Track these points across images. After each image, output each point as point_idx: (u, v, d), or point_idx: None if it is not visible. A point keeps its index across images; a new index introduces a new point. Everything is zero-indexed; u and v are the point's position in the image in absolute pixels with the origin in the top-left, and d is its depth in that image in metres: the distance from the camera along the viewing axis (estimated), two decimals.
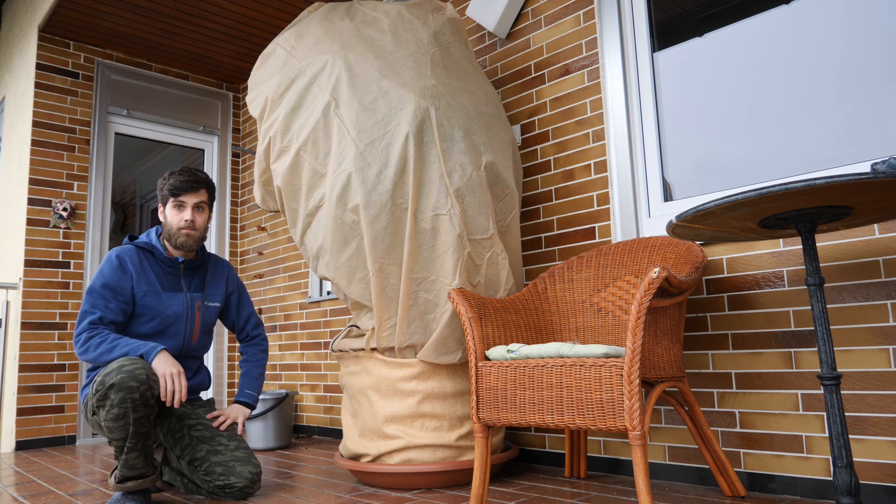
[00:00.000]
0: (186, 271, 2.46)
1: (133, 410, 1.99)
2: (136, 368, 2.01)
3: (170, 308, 2.37)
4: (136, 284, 2.31)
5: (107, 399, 1.99)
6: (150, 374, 2.05)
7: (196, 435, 2.30)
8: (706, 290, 2.22)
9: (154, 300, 2.33)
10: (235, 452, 2.27)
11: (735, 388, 2.11)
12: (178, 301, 2.39)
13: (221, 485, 2.20)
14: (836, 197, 1.43)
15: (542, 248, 2.75)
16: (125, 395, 1.97)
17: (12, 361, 3.87)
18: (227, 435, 2.34)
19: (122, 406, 1.98)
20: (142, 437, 2.05)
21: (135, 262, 2.35)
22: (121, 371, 1.99)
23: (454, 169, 2.29)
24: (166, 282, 2.39)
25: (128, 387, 1.97)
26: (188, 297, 2.42)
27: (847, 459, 1.52)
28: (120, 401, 1.97)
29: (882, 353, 1.82)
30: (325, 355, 3.93)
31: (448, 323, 2.23)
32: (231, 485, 2.19)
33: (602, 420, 1.63)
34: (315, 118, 2.37)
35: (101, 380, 2.01)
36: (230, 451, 2.27)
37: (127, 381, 1.98)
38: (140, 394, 1.99)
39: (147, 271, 2.36)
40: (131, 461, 2.07)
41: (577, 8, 2.73)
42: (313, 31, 2.56)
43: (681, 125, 2.42)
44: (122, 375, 1.98)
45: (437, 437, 2.27)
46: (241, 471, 2.21)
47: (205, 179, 2.43)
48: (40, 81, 4.11)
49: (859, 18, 2.01)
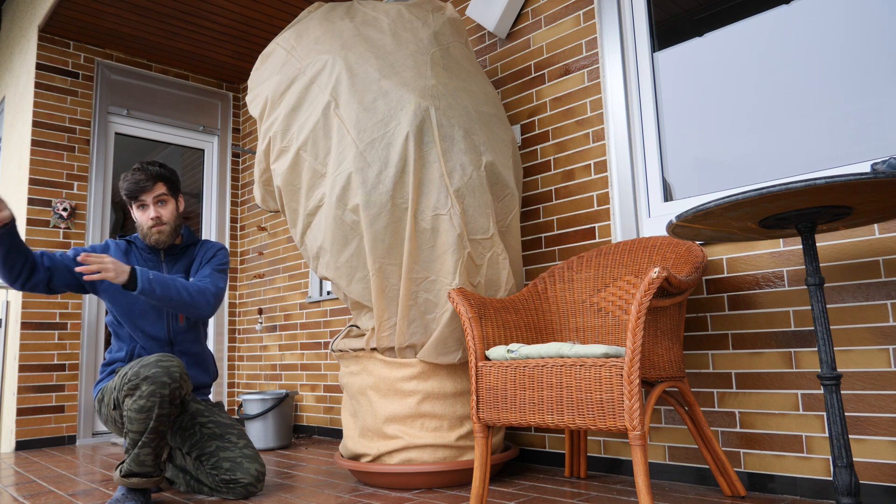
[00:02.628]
0: (168, 257, 2.47)
1: (159, 406, 2.04)
2: (173, 366, 2.07)
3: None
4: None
5: (137, 389, 2.04)
6: (184, 372, 2.10)
7: (207, 432, 2.32)
8: (706, 290, 2.22)
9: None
10: (244, 450, 2.29)
11: (735, 388, 2.11)
12: None
13: (227, 479, 2.22)
14: (836, 197, 1.43)
15: (542, 248, 2.75)
16: (156, 390, 2.02)
17: (12, 361, 3.87)
18: (237, 433, 2.36)
19: (150, 399, 2.02)
20: (159, 434, 2.08)
21: (120, 246, 2.44)
22: (157, 365, 2.05)
23: (454, 169, 2.29)
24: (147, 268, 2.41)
25: (161, 381, 2.03)
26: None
27: (847, 459, 1.52)
28: (150, 393, 2.02)
29: (882, 353, 1.82)
30: (325, 355, 3.93)
31: (448, 323, 2.23)
32: (237, 480, 2.21)
33: (602, 420, 1.63)
34: (315, 118, 2.37)
35: (137, 371, 2.05)
36: (239, 448, 2.29)
37: (161, 377, 2.03)
38: (170, 390, 2.04)
39: (132, 259, 2.43)
40: (142, 457, 2.08)
41: (577, 8, 2.73)
42: (313, 31, 2.56)
43: (681, 125, 2.42)
44: (157, 370, 2.04)
45: (437, 437, 2.27)
46: (248, 467, 2.23)
47: (157, 173, 2.41)
48: (40, 81, 4.11)
49: (859, 18, 2.01)
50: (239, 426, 2.42)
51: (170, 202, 2.44)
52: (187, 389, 2.12)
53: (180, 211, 2.49)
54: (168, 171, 2.46)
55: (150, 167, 2.41)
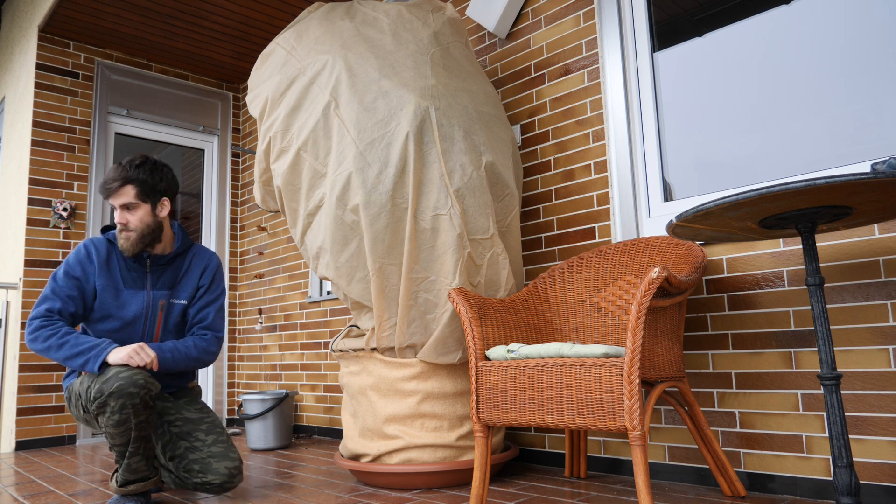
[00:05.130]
0: (155, 267, 2.31)
1: (134, 416, 1.98)
2: (134, 374, 2.00)
3: (128, 306, 2.25)
4: (97, 276, 2.22)
5: (106, 406, 1.97)
6: (148, 377, 2.03)
7: (175, 431, 2.26)
8: (706, 290, 2.22)
9: (111, 296, 2.23)
10: (212, 448, 2.22)
11: (735, 388, 2.11)
12: (138, 300, 2.27)
13: (199, 482, 2.18)
14: (836, 197, 1.43)
15: (542, 248, 2.75)
16: (125, 402, 1.96)
17: (12, 361, 3.87)
18: (205, 429, 2.27)
19: (122, 412, 1.96)
20: (143, 440, 2.04)
21: (101, 254, 2.24)
22: (118, 378, 1.97)
23: (454, 169, 2.29)
24: (129, 278, 2.27)
25: (128, 393, 1.96)
26: (150, 296, 2.29)
27: (847, 459, 1.52)
28: (120, 407, 1.96)
29: (882, 353, 1.82)
30: (325, 355, 3.93)
31: (448, 323, 2.23)
32: (209, 482, 2.17)
33: (602, 420, 1.63)
34: (315, 118, 2.37)
35: (99, 388, 1.97)
36: (207, 447, 2.22)
37: (126, 388, 1.96)
38: (140, 398, 1.98)
39: (113, 266, 2.25)
40: (133, 465, 2.05)
41: (577, 8, 2.73)
42: (313, 31, 2.56)
43: (681, 125, 2.42)
44: (121, 382, 1.96)
45: (437, 437, 2.27)
46: (217, 467, 2.18)
47: (124, 176, 2.20)
48: (40, 81, 4.11)
49: (859, 18, 2.01)
50: (209, 418, 2.32)
51: (139, 208, 2.22)
52: (156, 388, 2.04)
53: (160, 216, 2.27)
54: (144, 173, 2.23)
55: (126, 167, 2.22)
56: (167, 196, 2.30)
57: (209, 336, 2.33)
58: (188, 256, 2.39)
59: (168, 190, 2.30)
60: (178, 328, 2.37)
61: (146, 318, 2.28)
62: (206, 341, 2.32)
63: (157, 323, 2.31)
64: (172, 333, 2.35)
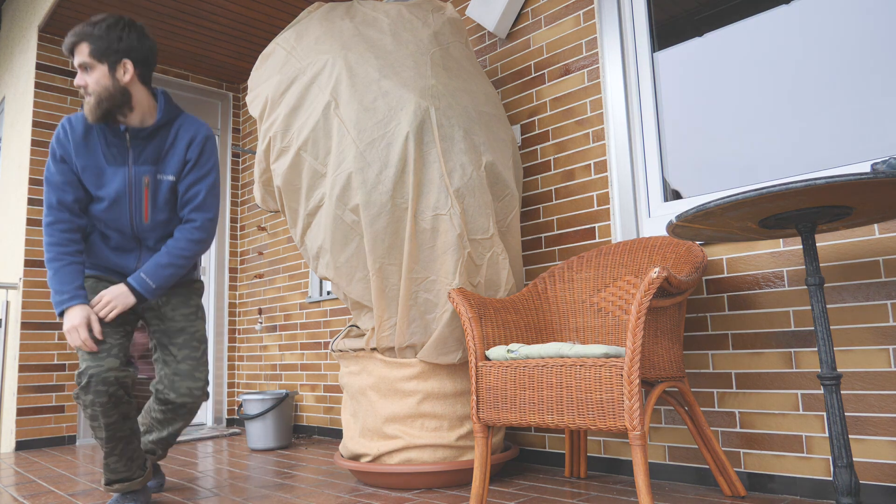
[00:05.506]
0: (136, 141, 2.08)
1: (104, 415, 1.90)
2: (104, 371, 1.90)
3: (110, 184, 2.07)
4: (75, 156, 2.05)
5: (79, 399, 1.91)
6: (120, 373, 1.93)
7: (155, 340, 2.15)
8: (706, 290, 2.22)
9: (93, 175, 2.07)
10: (180, 365, 2.09)
11: (735, 388, 2.11)
12: (119, 176, 2.07)
13: (162, 399, 2.10)
14: (836, 197, 1.43)
15: (542, 248, 2.75)
16: (94, 399, 1.88)
17: (12, 361, 3.87)
18: (181, 342, 2.12)
19: (93, 408, 1.90)
20: (119, 441, 1.95)
21: (77, 130, 2.06)
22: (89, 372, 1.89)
23: (454, 169, 2.29)
24: (109, 154, 2.07)
25: (96, 391, 1.88)
26: (132, 171, 2.09)
27: (847, 459, 1.52)
28: (90, 403, 1.89)
29: (882, 353, 1.82)
30: (325, 355, 3.93)
31: (448, 323, 2.23)
32: (169, 400, 2.08)
33: (602, 420, 1.63)
34: (315, 118, 2.37)
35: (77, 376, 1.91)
36: (175, 363, 2.10)
37: (95, 385, 1.88)
38: (108, 396, 1.90)
39: (92, 143, 2.07)
40: (112, 465, 1.99)
41: (577, 8, 2.73)
42: (313, 30, 2.56)
43: (681, 125, 2.42)
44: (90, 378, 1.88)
45: (437, 437, 2.27)
46: (178, 386, 2.07)
47: (79, 32, 2.01)
48: (40, 81, 4.11)
49: (859, 18, 2.01)
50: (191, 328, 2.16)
51: (95, 69, 2.00)
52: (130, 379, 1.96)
53: (122, 80, 2.01)
54: (101, 30, 2.01)
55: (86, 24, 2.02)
56: (130, 59, 2.04)
57: (198, 222, 2.14)
58: (173, 128, 2.14)
59: (131, 52, 2.04)
60: (171, 206, 2.16)
61: (130, 195, 2.09)
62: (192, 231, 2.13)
63: (143, 201, 2.11)
64: (164, 211, 2.14)
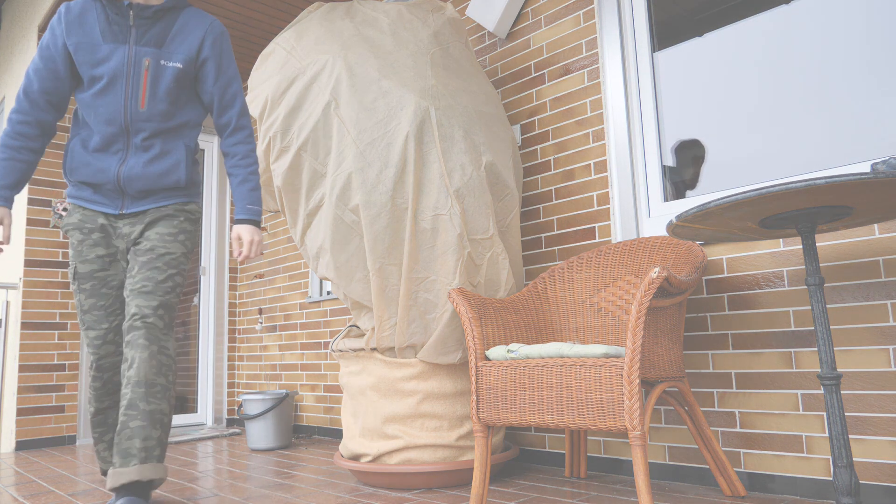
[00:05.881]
0: (139, 20, 2.00)
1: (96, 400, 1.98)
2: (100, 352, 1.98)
3: (106, 62, 1.97)
4: (66, 35, 1.96)
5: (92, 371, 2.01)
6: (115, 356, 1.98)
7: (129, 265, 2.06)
8: (706, 290, 2.22)
9: (87, 53, 1.97)
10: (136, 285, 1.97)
11: (735, 388, 2.11)
12: (118, 54, 1.98)
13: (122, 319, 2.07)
14: (836, 197, 1.43)
15: (542, 248, 2.75)
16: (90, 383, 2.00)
17: (12, 361, 3.87)
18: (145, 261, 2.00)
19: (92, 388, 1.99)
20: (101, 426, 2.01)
21: (73, 11, 1.99)
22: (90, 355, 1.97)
23: (454, 169, 2.29)
24: (108, 31, 1.99)
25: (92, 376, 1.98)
26: (132, 51, 1.99)
27: (847, 459, 1.52)
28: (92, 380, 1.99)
29: (882, 353, 1.82)
30: (325, 355, 3.93)
31: (448, 323, 2.23)
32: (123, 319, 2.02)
33: (602, 420, 1.63)
34: (315, 118, 2.37)
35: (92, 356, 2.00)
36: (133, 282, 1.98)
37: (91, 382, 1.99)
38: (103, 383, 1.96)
39: (89, 21, 1.99)
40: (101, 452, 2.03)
41: (577, 8, 2.73)
42: (313, 31, 2.56)
43: (681, 125, 2.42)
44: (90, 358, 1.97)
45: (437, 437, 2.27)
46: (130, 304, 1.94)
47: None
48: None
49: (859, 18, 2.01)
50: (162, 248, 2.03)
51: None
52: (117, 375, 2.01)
53: None
54: None
55: None
56: None
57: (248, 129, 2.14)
58: (182, 15, 2.07)
59: None
60: (173, 97, 2.04)
61: (128, 76, 1.99)
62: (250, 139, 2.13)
63: (141, 84, 2.00)
64: (164, 102, 2.03)
